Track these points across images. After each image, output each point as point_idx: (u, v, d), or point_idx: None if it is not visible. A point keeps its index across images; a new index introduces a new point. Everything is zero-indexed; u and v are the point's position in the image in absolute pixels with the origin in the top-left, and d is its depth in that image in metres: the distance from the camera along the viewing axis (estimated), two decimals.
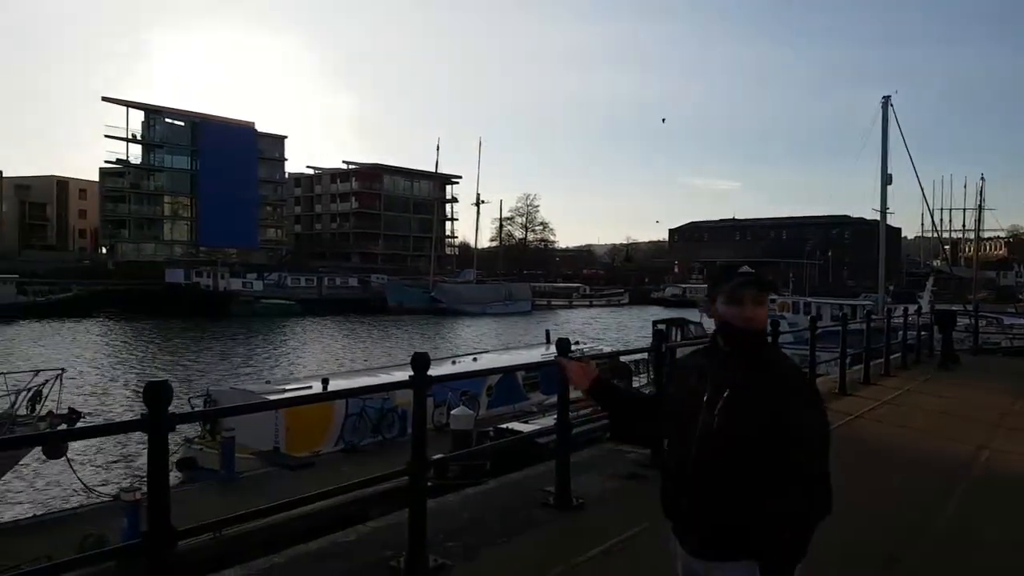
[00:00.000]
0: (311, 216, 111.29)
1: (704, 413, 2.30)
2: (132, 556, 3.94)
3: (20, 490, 14.11)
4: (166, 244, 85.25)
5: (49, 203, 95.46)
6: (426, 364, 4.46)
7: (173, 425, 3.38)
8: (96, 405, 21.84)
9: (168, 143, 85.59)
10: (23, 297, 58.71)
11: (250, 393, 14.61)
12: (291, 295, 69.85)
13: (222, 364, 32.91)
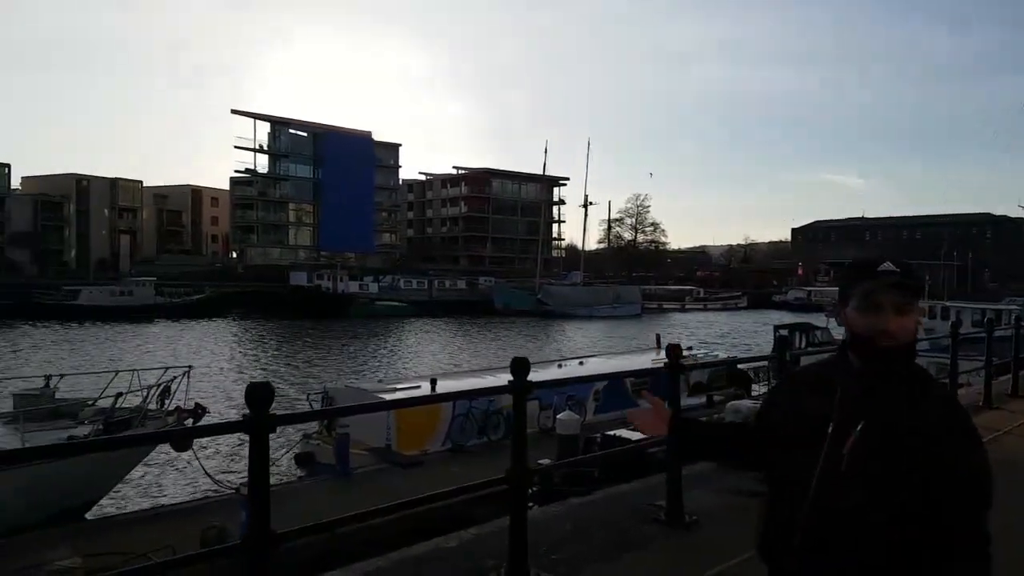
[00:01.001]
0: (423, 220, 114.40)
1: (828, 447, 1.78)
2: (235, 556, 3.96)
3: (151, 481, 15.03)
4: (291, 248, 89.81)
5: (184, 211, 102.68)
6: (526, 369, 4.29)
7: (274, 426, 3.34)
8: (222, 401, 23.09)
9: (292, 153, 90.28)
10: (160, 298, 63.30)
11: (364, 391, 14.99)
12: (403, 297, 71.95)
13: (340, 362, 34.18)
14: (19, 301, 56.84)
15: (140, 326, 51.42)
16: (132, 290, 62.27)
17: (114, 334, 45.94)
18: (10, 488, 9.97)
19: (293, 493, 11.95)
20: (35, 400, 12.50)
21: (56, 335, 45.17)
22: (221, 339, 45.79)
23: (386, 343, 44.67)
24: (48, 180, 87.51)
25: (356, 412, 12.19)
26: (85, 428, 11.67)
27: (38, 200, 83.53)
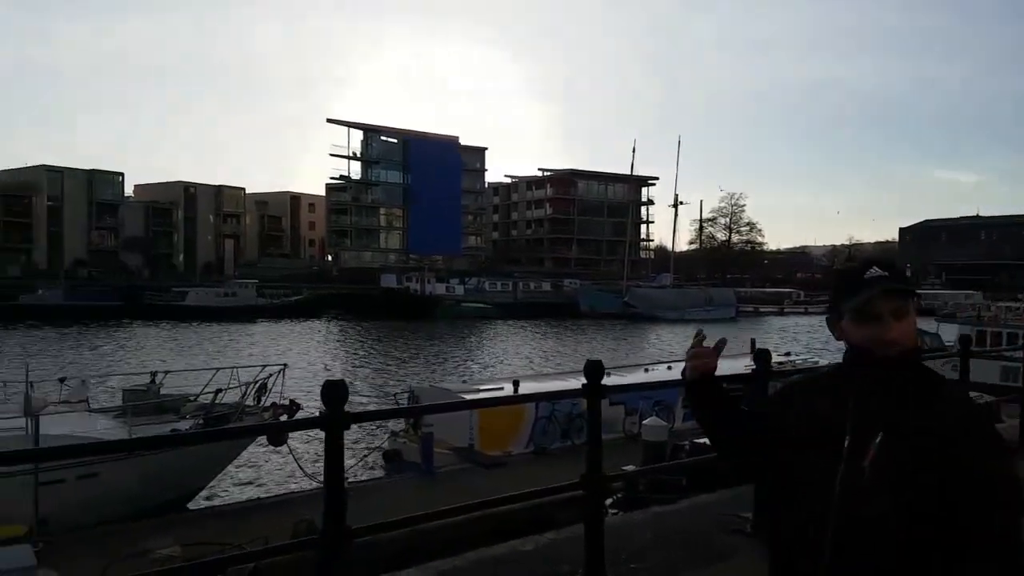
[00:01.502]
0: (507, 223, 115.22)
1: (848, 460, 1.69)
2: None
3: (249, 474, 15.65)
4: (382, 252, 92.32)
5: (284, 216, 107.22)
6: (600, 372, 4.19)
7: (348, 424, 3.38)
8: (316, 398, 23.87)
9: (383, 159, 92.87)
10: (262, 300, 66.33)
11: (447, 392, 15.15)
12: (488, 299, 72.64)
13: (426, 363, 34.78)
14: (132, 302, 60.77)
15: (243, 326, 53.94)
16: (235, 292, 65.48)
17: (218, 333, 48.35)
18: (119, 479, 10.59)
19: (379, 489, 12.20)
20: (142, 396, 13.22)
21: (165, 334, 47.96)
22: (316, 339, 47.47)
23: (470, 344, 45.18)
24: (158, 188, 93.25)
25: (431, 412, 12.36)
26: (187, 423, 12.23)
27: (149, 207, 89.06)
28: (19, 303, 56.56)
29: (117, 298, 60.95)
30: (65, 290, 59.95)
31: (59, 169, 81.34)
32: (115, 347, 40.07)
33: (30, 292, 59.40)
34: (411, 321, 57.57)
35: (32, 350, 35.56)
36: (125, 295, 62.30)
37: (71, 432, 10.39)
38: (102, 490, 10.36)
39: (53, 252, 78.58)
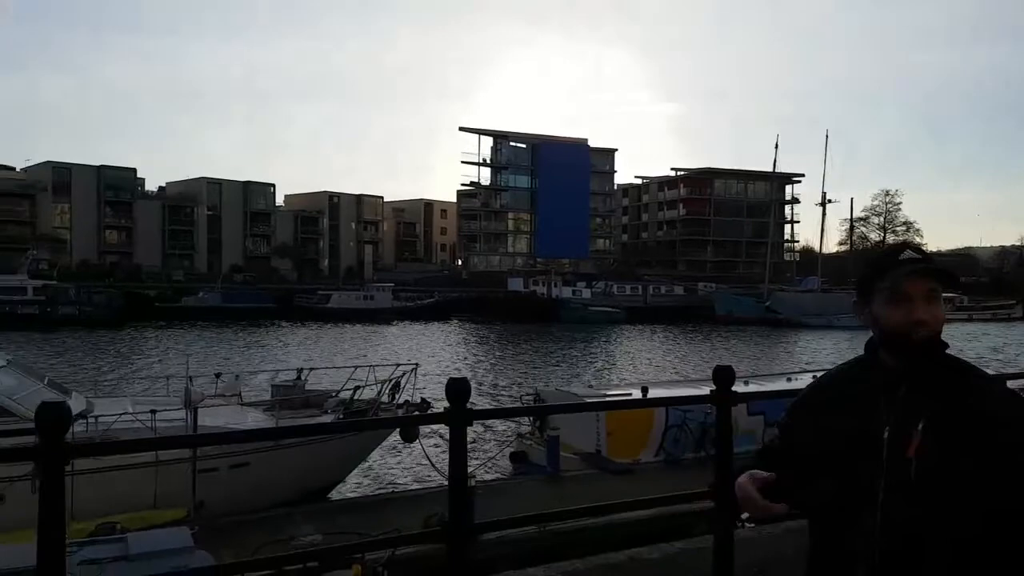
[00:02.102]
0: (637, 225, 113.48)
1: (889, 459, 1.62)
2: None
3: (385, 468, 16.30)
4: (509, 256, 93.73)
5: (418, 222, 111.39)
6: (730, 379, 4.03)
7: (471, 420, 3.44)
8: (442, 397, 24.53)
9: (512, 165, 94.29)
10: (397, 302, 69.20)
11: (572, 395, 15.08)
12: (616, 303, 71.85)
13: (551, 366, 34.88)
14: (283, 304, 65.15)
15: (379, 327, 56.47)
16: (374, 295, 68.66)
17: (357, 334, 50.84)
18: (267, 469, 11.31)
19: (506, 489, 12.33)
20: (289, 390, 14.08)
21: (311, 334, 50.98)
22: (446, 340, 48.84)
23: (597, 349, 44.86)
24: (306, 197, 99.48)
25: (553, 412, 12.32)
26: (328, 417, 12.91)
27: (298, 215, 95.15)
28: (182, 304, 61.99)
29: (269, 301, 65.54)
30: (222, 293, 65.08)
31: (218, 181, 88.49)
32: (266, 346, 43.05)
33: (192, 295, 64.94)
34: (537, 324, 58.00)
35: (192, 348, 38.85)
36: (276, 298, 66.88)
37: (224, 424, 11.22)
38: (251, 479, 11.09)
39: (213, 258, 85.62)
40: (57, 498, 2.54)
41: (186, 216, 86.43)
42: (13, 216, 76.27)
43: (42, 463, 2.53)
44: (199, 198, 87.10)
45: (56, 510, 2.55)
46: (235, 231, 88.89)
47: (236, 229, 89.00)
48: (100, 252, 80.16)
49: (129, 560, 4.49)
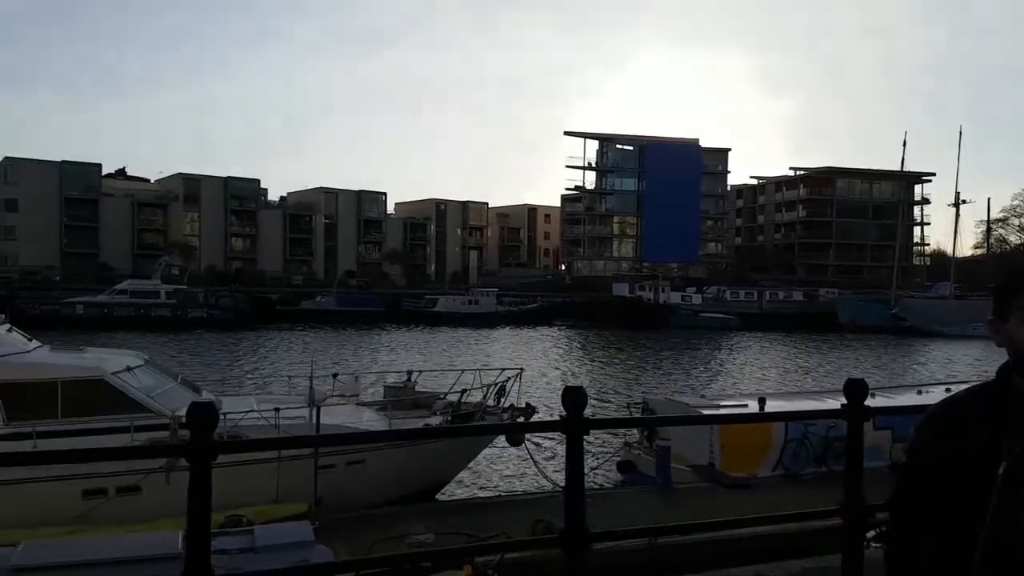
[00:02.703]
0: (752, 228, 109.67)
1: (1001, 492, 1.47)
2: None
3: (490, 471, 16.45)
4: (614, 260, 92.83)
5: (521, 227, 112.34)
6: (863, 392, 3.80)
7: (587, 430, 3.40)
8: (549, 402, 24.51)
9: (618, 168, 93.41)
10: (501, 307, 69.95)
11: (683, 405, 14.71)
12: (729, 309, 69.64)
13: (659, 374, 34.20)
14: (393, 308, 67.31)
15: (483, 331, 57.29)
16: (478, 300, 69.74)
17: (463, 338, 51.74)
18: (381, 467, 11.65)
19: (613, 498, 12.15)
20: (400, 392, 14.47)
21: (419, 337, 52.33)
22: (550, 345, 48.88)
23: (708, 357, 43.62)
24: (415, 205, 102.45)
25: (667, 424, 12.02)
26: (437, 419, 13.15)
27: (407, 222, 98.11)
28: (301, 308, 65.10)
29: (380, 305, 67.86)
30: (337, 297, 67.90)
31: (334, 191, 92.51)
32: (377, 348, 44.52)
33: (310, 299, 68.10)
34: (644, 331, 57.06)
35: (310, 349, 40.69)
36: (386, 302, 69.15)
37: (342, 423, 11.65)
38: (366, 477, 11.45)
39: (329, 263, 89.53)
40: (206, 492, 2.68)
41: (305, 224, 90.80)
42: (149, 225, 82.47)
43: (192, 459, 2.67)
44: (317, 207, 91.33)
45: (205, 503, 2.70)
46: (349, 238, 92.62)
47: (350, 236, 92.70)
48: (226, 258, 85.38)
49: (256, 552, 4.69)
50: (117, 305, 55.10)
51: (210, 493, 2.70)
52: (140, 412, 10.38)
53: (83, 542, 6.08)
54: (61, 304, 54.18)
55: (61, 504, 9.25)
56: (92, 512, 9.40)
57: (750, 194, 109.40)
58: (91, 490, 9.59)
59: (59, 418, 10.03)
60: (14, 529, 6.80)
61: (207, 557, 2.67)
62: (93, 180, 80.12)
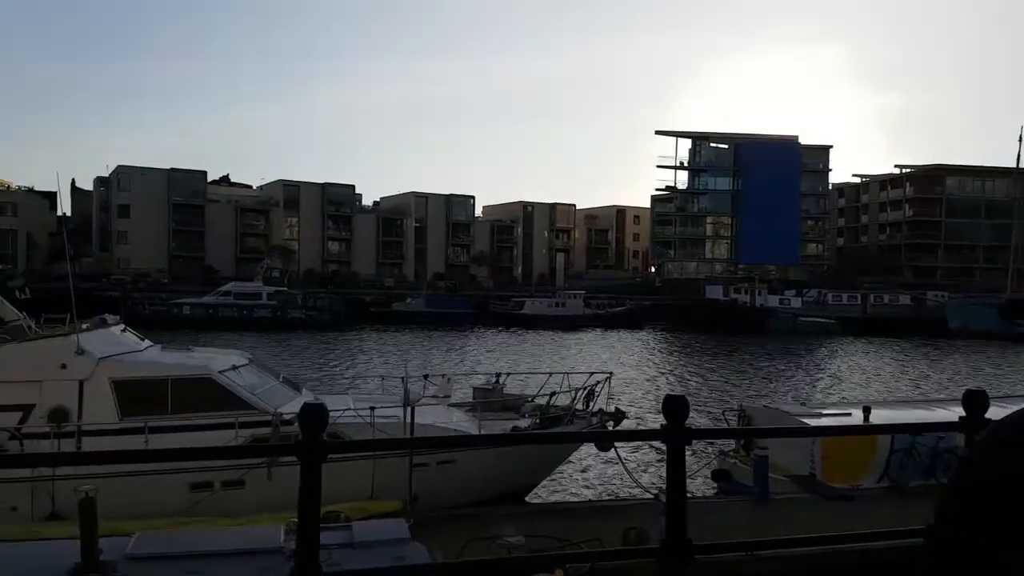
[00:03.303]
0: (855, 228, 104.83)
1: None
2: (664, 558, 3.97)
3: (580, 475, 16.31)
4: (707, 262, 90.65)
5: (610, 229, 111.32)
6: (984, 403, 3.48)
7: (689, 439, 3.27)
8: (638, 408, 24.10)
9: (712, 167, 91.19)
10: (588, 310, 69.41)
11: (783, 414, 14.15)
12: (831, 313, 66.70)
13: (755, 380, 33.10)
14: (480, 310, 67.99)
15: (570, 334, 57.03)
16: (565, 302, 69.51)
17: (549, 340, 51.68)
18: (471, 467, 11.73)
19: (708, 507, 11.78)
20: (488, 393, 14.55)
21: (506, 339, 52.63)
22: (638, 349, 48.15)
23: (808, 363, 41.89)
24: (502, 207, 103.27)
25: (777, 435, 11.54)
26: (525, 421, 13.13)
27: (494, 225, 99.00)
28: (392, 309, 66.67)
29: (468, 307, 68.70)
30: (426, 299, 69.17)
31: (424, 195, 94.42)
32: (465, 349, 45.05)
33: (401, 301, 69.68)
34: (739, 335, 55.38)
35: (403, 349, 41.58)
36: (475, 304, 69.92)
37: (433, 422, 11.79)
38: (456, 476, 11.55)
39: (419, 266, 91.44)
40: (315, 490, 2.72)
41: (396, 228, 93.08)
42: (251, 229, 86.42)
43: (303, 458, 2.71)
44: (408, 211, 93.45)
45: (314, 501, 2.73)
46: (438, 241, 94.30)
47: (439, 239, 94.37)
48: (323, 261, 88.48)
49: (354, 548, 4.75)
50: (221, 306, 57.88)
51: (319, 491, 2.74)
52: (244, 409, 10.81)
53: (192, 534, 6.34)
54: (169, 305, 57.37)
55: (171, 496, 9.74)
56: (199, 505, 9.85)
57: (853, 193, 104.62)
58: (198, 483, 10.05)
59: (169, 413, 10.56)
60: (128, 520, 7.18)
61: (316, 552, 2.71)
62: (199, 187, 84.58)
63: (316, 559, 2.70)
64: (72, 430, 10.17)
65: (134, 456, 7.62)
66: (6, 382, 10.23)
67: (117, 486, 8.29)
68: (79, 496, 4.02)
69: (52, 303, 13.25)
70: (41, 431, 10.01)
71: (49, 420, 10.13)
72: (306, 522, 2.69)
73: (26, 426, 10.12)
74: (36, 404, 10.27)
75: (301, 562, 2.70)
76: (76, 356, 10.60)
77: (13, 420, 10.13)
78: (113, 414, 10.44)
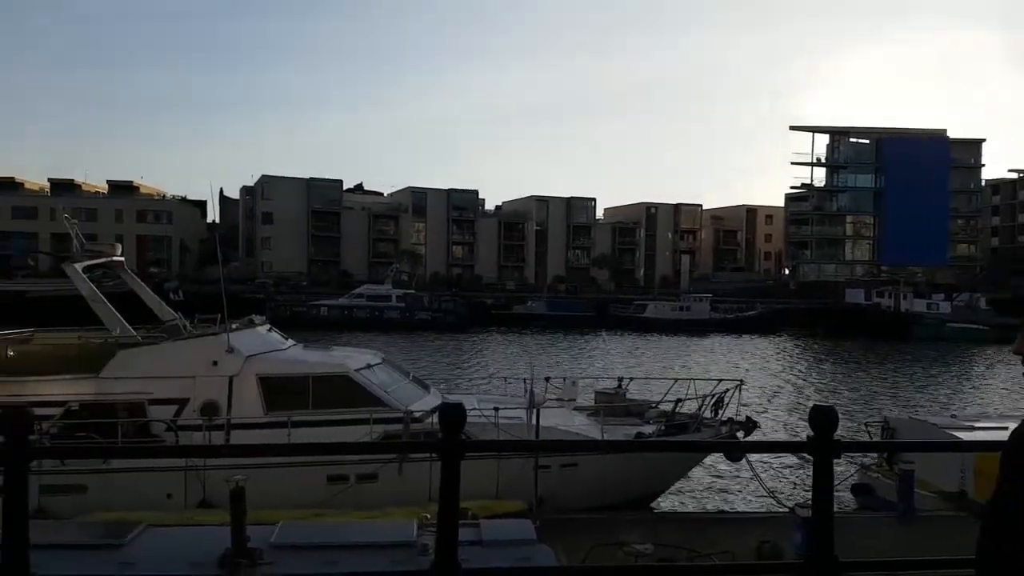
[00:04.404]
0: (1011, 227, 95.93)
1: None
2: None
3: (708, 484, 15.80)
4: (846, 264, 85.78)
5: (739, 229, 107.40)
6: None
7: (839, 452, 3.07)
8: (770, 417, 23.08)
9: (852, 163, 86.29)
10: (715, 314, 67.16)
11: (931, 427, 13.15)
12: (984, 319, 61.25)
13: (900, 391, 30.96)
14: (599, 313, 67.50)
15: (695, 339, 55.47)
16: (690, 306, 67.70)
17: (673, 345, 50.53)
18: (594, 472, 11.63)
19: (848, 523, 11.12)
20: (611, 398, 14.39)
21: (627, 343, 51.91)
22: (770, 356, 46.15)
23: (957, 373, 38.69)
24: (623, 209, 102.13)
25: (931, 450, 10.74)
26: (650, 427, 12.89)
27: (615, 227, 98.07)
28: (514, 312, 67.48)
29: (588, 310, 68.38)
30: (547, 302, 69.45)
31: (545, 199, 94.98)
32: (586, 352, 44.84)
33: (521, 303, 70.36)
34: (881, 342, 51.94)
35: (525, 351, 41.96)
36: (595, 307, 69.49)
37: (556, 425, 11.79)
38: (579, 480, 11.49)
39: (539, 269, 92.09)
40: (455, 487, 2.77)
41: (518, 231, 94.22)
42: (382, 235, 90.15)
43: (443, 456, 2.77)
44: (529, 215, 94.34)
45: (453, 497, 2.79)
46: (559, 244, 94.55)
47: (560, 242, 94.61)
48: (448, 264, 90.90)
49: (482, 546, 4.80)
50: (355, 307, 60.77)
51: (458, 489, 2.79)
52: (378, 406, 11.26)
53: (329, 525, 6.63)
54: (308, 306, 60.85)
55: (310, 488, 10.28)
56: (335, 497, 10.33)
57: (1009, 189, 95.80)
58: (335, 476, 10.55)
59: (309, 409, 11.17)
60: (269, 509, 7.61)
61: (455, 550, 2.75)
62: (335, 195, 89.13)
63: (455, 556, 2.75)
64: (222, 423, 10.94)
65: (289, 450, 8.12)
66: (165, 377, 11.16)
67: (261, 476, 8.85)
68: (230, 486, 4.29)
69: (202, 304, 14.35)
70: (194, 423, 10.83)
71: (201, 413, 10.95)
72: (445, 519, 2.75)
73: (181, 418, 10.99)
74: (190, 398, 11.14)
75: (441, 559, 2.76)
76: (226, 354, 11.41)
77: (170, 413, 11.04)
78: (259, 408, 11.16)
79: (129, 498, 9.64)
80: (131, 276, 14.24)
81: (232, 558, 4.13)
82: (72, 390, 10.90)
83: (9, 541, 2.82)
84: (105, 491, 9.90)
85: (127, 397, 10.98)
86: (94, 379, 11.06)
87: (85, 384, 11.00)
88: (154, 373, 11.13)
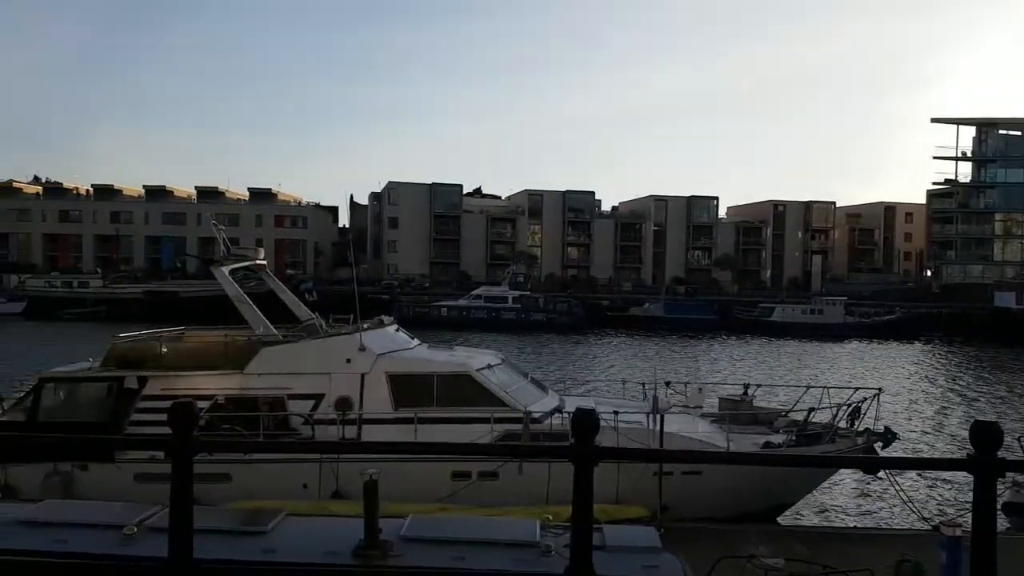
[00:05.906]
0: None
1: None
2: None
3: (836, 496, 14.97)
4: (996, 265, 78.91)
5: (876, 228, 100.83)
6: None
7: (1003, 471, 2.83)
8: (910, 429, 21.59)
9: (1002, 156, 79.31)
10: (850, 318, 63.14)
11: None
12: None
13: None
14: (722, 316, 65.29)
15: (828, 344, 52.60)
16: (822, 309, 64.16)
17: (804, 351, 48.14)
18: (718, 481, 11.28)
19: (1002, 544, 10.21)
20: (737, 405, 13.92)
21: (752, 348, 49.95)
22: (911, 363, 43.12)
23: None
24: (748, 208, 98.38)
25: None
26: (780, 437, 12.35)
27: (740, 226, 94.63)
28: (630, 314, 66.51)
29: (710, 312, 66.35)
30: (665, 304, 67.99)
31: (664, 198, 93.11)
32: (707, 357, 43.52)
33: (638, 305, 69.26)
34: None
35: (642, 354, 41.33)
36: (716, 309, 67.33)
37: (679, 431, 11.53)
38: (701, 488, 11.18)
39: (656, 270, 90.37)
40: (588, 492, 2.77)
41: (635, 232, 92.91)
42: (500, 237, 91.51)
43: (577, 462, 2.78)
44: (646, 215, 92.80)
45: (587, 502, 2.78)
46: (678, 244, 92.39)
47: (679, 242, 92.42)
48: (563, 266, 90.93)
49: (605, 551, 4.75)
50: (473, 308, 62.06)
51: (591, 494, 2.78)
52: (498, 406, 11.44)
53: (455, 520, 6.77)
54: (430, 307, 62.72)
55: (435, 483, 10.57)
56: (458, 493, 10.57)
57: None
58: (459, 473, 10.80)
59: (434, 406, 11.50)
60: (396, 501, 7.87)
61: (589, 554, 2.75)
62: (455, 199, 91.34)
63: (590, 560, 2.74)
64: (354, 418, 11.46)
65: (430, 448, 8.35)
66: (303, 374, 11.82)
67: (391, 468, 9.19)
68: (364, 479, 4.48)
69: (334, 304, 15.08)
70: (329, 418, 11.41)
71: (336, 408, 11.51)
72: (579, 525, 2.74)
73: (317, 413, 11.60)
74: (326, 394, 11.74)
75: (575, 563, 2.75)
76: (359, 352, 11.94)
77: (307, 407, 11.67)
78: (388, 404, 11.60)
79: (268, 487, 10.25)
80: (272, 278, 15.13)
81: (365, 549, 4.29)
82: (219, 385, 11.73)
83: (176, 527, 3.06)
84: (247, 480, 10.58)
85: (269, 392, 11.71)
86: (239, 375, 11.85)
87: (231, 379, 11.80)
88: (293, 370, 11.80)
